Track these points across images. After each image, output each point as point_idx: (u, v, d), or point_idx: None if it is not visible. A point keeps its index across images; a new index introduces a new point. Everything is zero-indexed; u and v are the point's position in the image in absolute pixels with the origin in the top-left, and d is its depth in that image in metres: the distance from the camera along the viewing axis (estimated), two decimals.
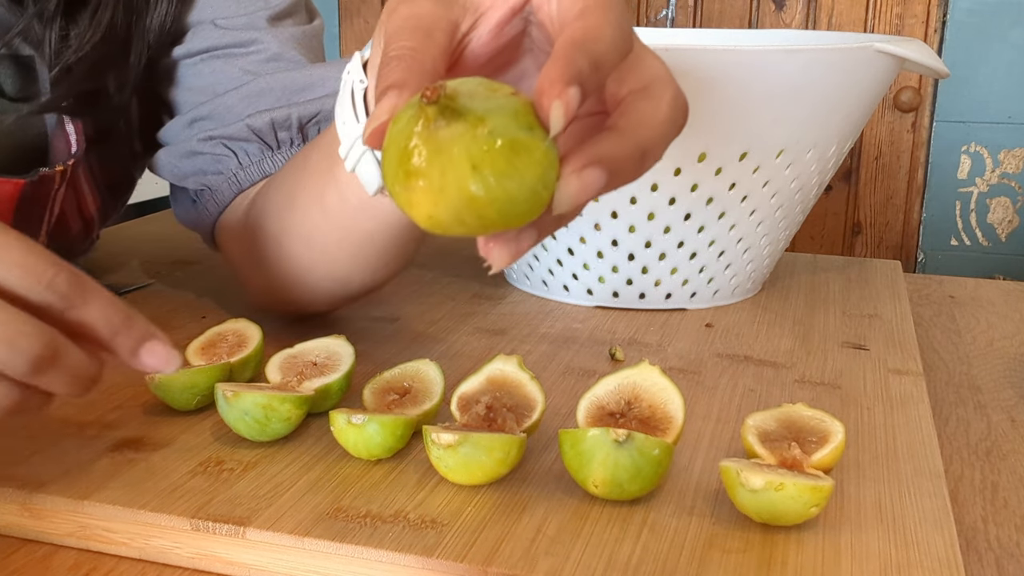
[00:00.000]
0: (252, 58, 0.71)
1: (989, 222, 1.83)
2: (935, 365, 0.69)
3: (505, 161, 0.33)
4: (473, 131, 0.33)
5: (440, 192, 0.33)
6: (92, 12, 0.66)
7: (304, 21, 0.76)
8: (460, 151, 0.33)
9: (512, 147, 0.33)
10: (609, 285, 0.74)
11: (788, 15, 1.82)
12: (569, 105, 0.34)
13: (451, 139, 0.33)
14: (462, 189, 0.33)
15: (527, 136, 0.34)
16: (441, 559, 0.40)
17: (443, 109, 0.33)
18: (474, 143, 0.33)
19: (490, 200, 0.33)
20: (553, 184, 0.35)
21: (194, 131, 0.71)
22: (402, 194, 0.34)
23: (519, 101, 0.35)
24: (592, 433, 0.43)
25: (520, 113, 0.34)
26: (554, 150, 0.35)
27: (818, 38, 0.91)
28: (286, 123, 0.69)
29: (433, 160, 0.33)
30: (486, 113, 0.33)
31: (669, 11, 1.88)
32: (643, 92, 0.39)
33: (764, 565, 0.40)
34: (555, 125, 0.34)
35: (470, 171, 0.33)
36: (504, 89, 0.35)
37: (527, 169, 0.34)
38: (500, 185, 0.33)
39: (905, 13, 1.77)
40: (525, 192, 0.34)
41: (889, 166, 1.86)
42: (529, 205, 0.34)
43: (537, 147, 0.34)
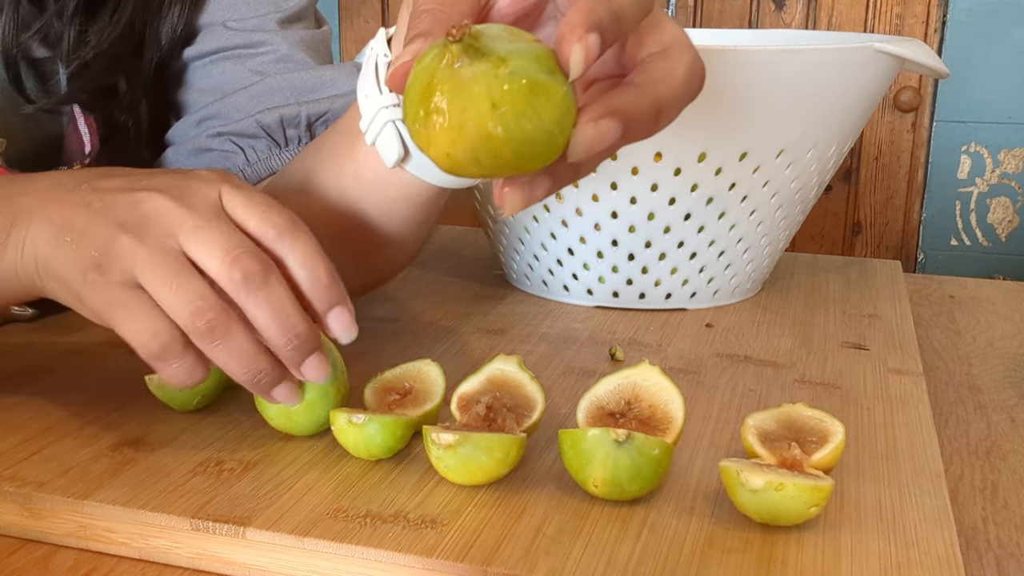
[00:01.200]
0: (261, 59, 0.72)
1: (989, 222, 1.83)
2: (935, 365, 0.69)
3: (524, 101, 0.34)
4: (495, 70, 0.34)
5: (459, 130, 0.34)
6: (112, 11, 0.67)
7: (312, 26, 0.77)
8: (481, 89, 0.33)
9: (532, 88, 0.34)
10: (609, 285, 0.74)
11: (788, 15, 1.82)
12: (589, 50, 0.35)
13: (473, 77, 0.34)
14: (481, 127, 0.34)
15: (547, 79, 0.34)
16: (441, 559, 0.40)
17: (467, 48, 0.34)
18: (495, 82, 0.33)
19: (507, 139, 0.34)
20: (569, 129, 0.35)
21: (202, 129, 0.71)
22: (421, 132, 0.35)
23: (541, 47, 0.35)
24: (592, 433, 0.43)
25: (542, 57, 0.35)
26: (572, 95, 0.35)
27: (818, 38, 0.91)
28: (295, 120, 0.69)
29: (454, 98, 0.34)
30: (508, 54, 0.34)
31: (669, 11, 1.88)
32: (662, 54, 0.40)
33: (764, 565, 0.40)
34: (575, 68, 0.34)
35: (489, 109, 0.33)
36: (527, 36, 0.36)
37: (545, 111, 0.34)
38: (518, 125, 0.34)
39: (905, 13, 1.77)
40: (542, 134, 0.34)
41: (889, 166, 1.86)
42: (545, 147, 0.35)
43: (556, 90, 0.34)
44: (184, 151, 0.72)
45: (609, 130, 0.36)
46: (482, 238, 0.95)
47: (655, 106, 0.38)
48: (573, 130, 0.36)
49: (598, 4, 0.36)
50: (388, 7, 1.97)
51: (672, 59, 0.40)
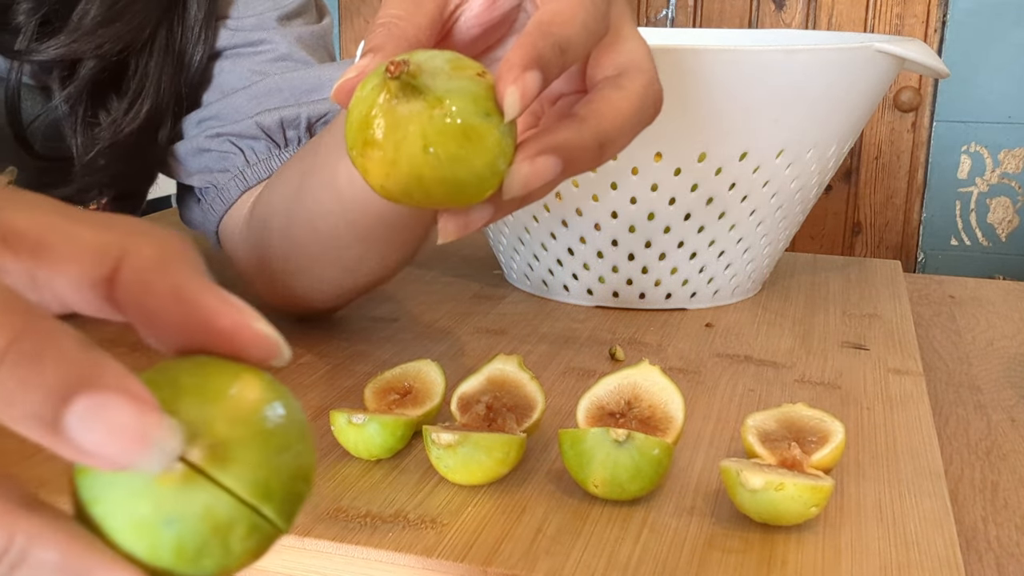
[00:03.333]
0: (260, 58, 0.71)
1: (989, 222, 1.83)
2: (935, 365, 0.69)
3: (456, 145, 0.34)
4: (430, 111, 0.34)
5: (392, 165, 0.35)
6: (130, 102, 0.67)
7: (313, 20, 0.76)
8: (415, 129, 0.34)
9: (464, 132, 0.34)
10: (609, 285, 0.74)
11: (788, 15, 1.82)
12: (526, 91, 0.35)
13: (408, 116, 0.34)
14: (412, 166, 0.34)
15: (481, 122, 0.35)
16: (441, 559, 0.40)
17: (404, 85, 0.34)
18: (429, 123, 0.34)
19: (438, 180, 0.35)
20: (504, 169, 0.36)
21: (201, 129, 0.71)
22: (358, 159, 0.36)
23: (483, 84, 0.35)
24: (592, 433, 0.43)
25: (480, 98, 0.35)
26: (509, 136, 0.36)
27: (818, 38, 0.91)
28: (295, 122, 0.69)
29: (389, 134, 0.34)
30: (446, 94, 0.34)
31: (669, 11, 1.88)
32: (615, 80, 0.39)
33: (764, 565, 0.40)
34: (509, 111, 0.35)
35: (421, 150, 0.34)
36: (471, 69, 0.36)
37: (476, 155, 0.35)
38: (449, 168, 0.34)
39: (905, 13, 1.77)
40: (472, 177, 0.35)
41: (889, 166, 1.86)
42: (476, 189, 0.36)
43: (490, 133, 0.35)
44: (183, 150, 0.72)
45: (546, 167, 0.36)
46: (482, 238, 0.95)
47: (597, 140, 0.38)
48: (509, 168, 0.36)
49: (540, 38, 0.36)
50: None
51: (623, 87, 0.39)
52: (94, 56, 0.64)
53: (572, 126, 0.37)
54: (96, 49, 0.64)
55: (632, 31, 0.41)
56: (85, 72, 0.65)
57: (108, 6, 0.64)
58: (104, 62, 0.65)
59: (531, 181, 0.36)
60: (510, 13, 0.43)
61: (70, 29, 0.63)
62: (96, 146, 0.66)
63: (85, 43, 0.64)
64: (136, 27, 0.66)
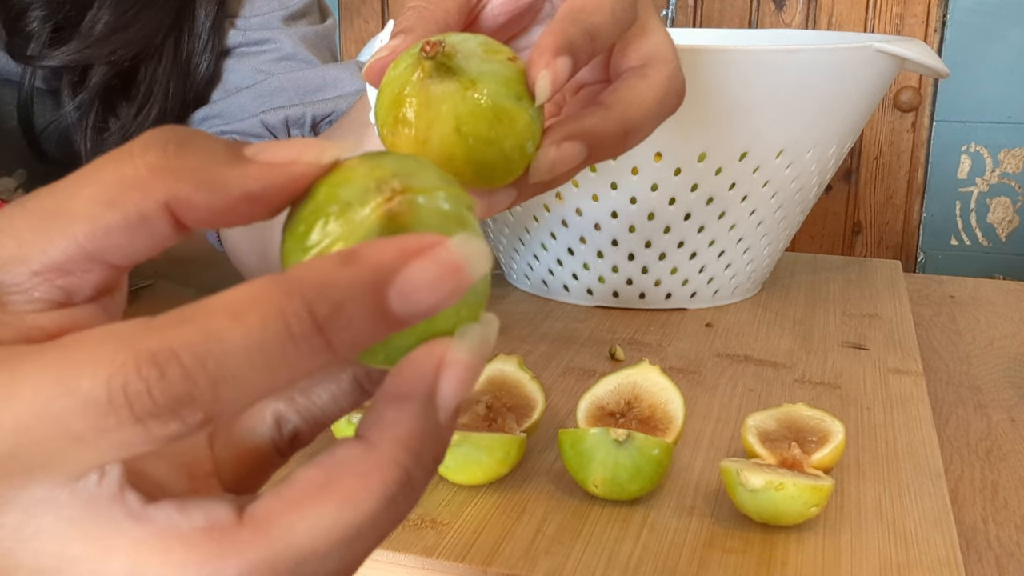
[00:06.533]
0: (265, 57, 0.72)
1: (989, 222, 1.83)
2: (935, 365, 0.69)
3: (487, 126, 0.34)
4: (463, 92, 0.34)
5: (423, 144, 0.35)
6: (138, 107, 0.67)
7: (317, 20, 0.76)
8: (447, 109, 0.34)
9: (496, 114, 0.35)
10: (609, 285, 0.74)
11: (788, 15, 1.82)
12: (557, 76, 0.35)
13: (441, 96, 0.34)
14: (443, 146, 0.35)
15: (513, 105, 0.35)
16: (441, 559, 0.40)
17: (439, 66, 0.34)
18: (461, 104, 0.34)
19: (467, 161, 0.35)
20: (532, 152, 0.36)
21: (206, 127, 0.71)
22: (388, 137, 0.36)
23: (514, 68, 0.36)
24: (592, 433, 0.43)
25: (511, 81, 0.35)
26: (538, 120, 0.36)
27: (818, 38, 0.91)
28: (300, 121, 0.69)
29: (421, 112, 0.34)
30: (479, 76, 0.35)
31: (669, 11, 1.88)
32: (639, 70, 0.40)
33: (764, 565, 0.40)
34: (540, 95, 0.35)
35: (452, 130, 0.34)
36: (503, 53, 0.36)
37: (506, 137, 0.35)
38: (478, 148, 0.35)
39: (905, 13, 1.77)
40: (501, 159, 0.35)
41: (889, 166, 1.86)
42: (504, 171, 0.36)
43: (521, 116, 0.35)
44: None
45: (572, 152, 0.36)
46: None
47: (622, 128, 0.38)
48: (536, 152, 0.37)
49: (571, 24, 0.36)
50: (388, 7, 1.97)
51: (648, 76, 0.39)
52: (106, 62, 0.65)
53: (598, 113, 0.38)
54: (108, 55, 0.64)
55: (657, 24, 0.42)
56: (96, 78, 0.65)
57: (120, 13, 0.64)
58: (115, 68, 0.65)
59: (557, 165, 0.36)
60: (534, 4, 0.44)
61: (82, 35, 0.63)
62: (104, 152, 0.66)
63: (97, 49, 0.64)
64: (148, 34, 0.66)
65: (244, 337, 0.21)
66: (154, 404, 0.21)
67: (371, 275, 0.21)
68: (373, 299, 0.21)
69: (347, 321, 0.21)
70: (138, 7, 0.65)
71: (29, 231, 0.24)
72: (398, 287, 0.21)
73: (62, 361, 0.21)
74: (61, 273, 0.24)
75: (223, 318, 0.21)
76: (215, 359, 0.21)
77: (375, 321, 0.21)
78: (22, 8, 0.63)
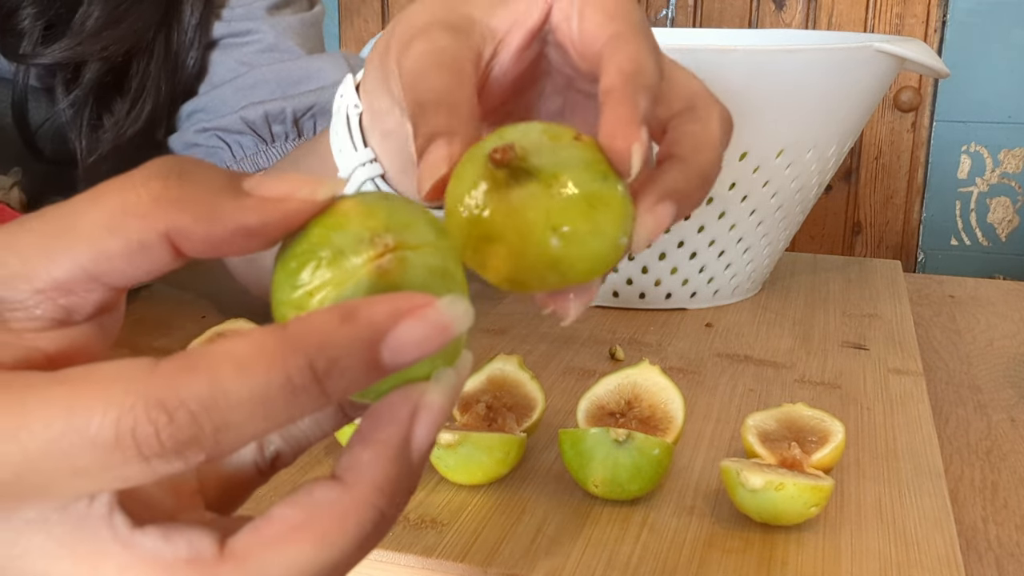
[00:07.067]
0: (248, 49, 0.71)
1: (989, 222, 1.83)
2: (935, 365, 0.69)
3: (585, 219, 0.32)
4: (548, 191, 0.31)
5: (520, 257, 0.32)
6: (131, 103, 0.66)
7: (304, 8, 0.75)
8: (538, 214, 0.31)
9: (590, 202, 0.32)
10: (609, 285, 0.74)
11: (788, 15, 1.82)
12: (645, 147, 0.33)
13: (526, 201, 0.31)
14: (544, 252, 0.32)
15: (603, 187, 0.32)
16: (441, 559, 0.40)
17: (515, 171, 0.31)
18: (552, 203, 0.31)
19: (576, 259, 0.32)
20: (631, 228, 0.34)
21: (192, 123, 0.71)
22: (475, 258, 0.33)
23: (587, 149, 0.33)
24: (592, 433, 0.43)
25: (592, 163, 0.33)
26: (628, 194, 0.34)
27: (818, 38, 0.91)
28: (280, 116, 0.68)
29: (509, 224, 0.31)
30: (558, 168, 0.32)
31: (669, 11, 1.88)
32: (691, 115, 0.38)
33: (764, 565, 0.40)
34: (635, 168, 0.33)
35: (551, 233, 0.31)
36: (566, 135, 0.34)
37: (608, 223, 0.32)
38: (583, 244, 0.32)
39: (905, 13, 1.77)
40: (608, 245, 0.33)
41: (889, 166, 1.86)
42: (614, 256, 0.33)
43: (614, 197, 0.32)
44: (175, 145, 0.71)
45: (666, 214, 0.35)
46: None
47: (702, 176, 0.37)
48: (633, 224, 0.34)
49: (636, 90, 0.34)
50: (388, 7, 1.97)
51: (703, 119, 0.38)
52: (98, 59, 0.64)
53: (675, 167, 0.36)
54: (100, 52, 0.64)
55: (676, 64, 0.41)
56: (89, 75, 0.65)
57: (110, 9, 0.64)
58: (107, 65, 0.65)
59: (657, 231, 0.34)
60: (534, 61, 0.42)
61: (73, 32, 0.63)
62: (99, 149, 0.66)
63: (89, 46, 0.64)
64: (138, 29, 0.66)
65: (249, 389, 0.22)
66: (161, 447, 0.22)
67: (367, 333, 0.23)
68: (368, 354, 0.23)
69: (342, 373, 0.23)
70: (128, 2, 0.65)
71: (33, 249, 0.25)
72: (390, 343, 0.23)
73: (72, 398, 0.22)
74: (63, 292, 0.25)
75: (229, 369, 0.22)
76: (220, 410, 0.22)
77: (367, 372, 0.23)
78: (13, 6, 0.63)
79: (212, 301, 0.75)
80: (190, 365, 0.22)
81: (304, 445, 0.31)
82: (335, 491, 0.25)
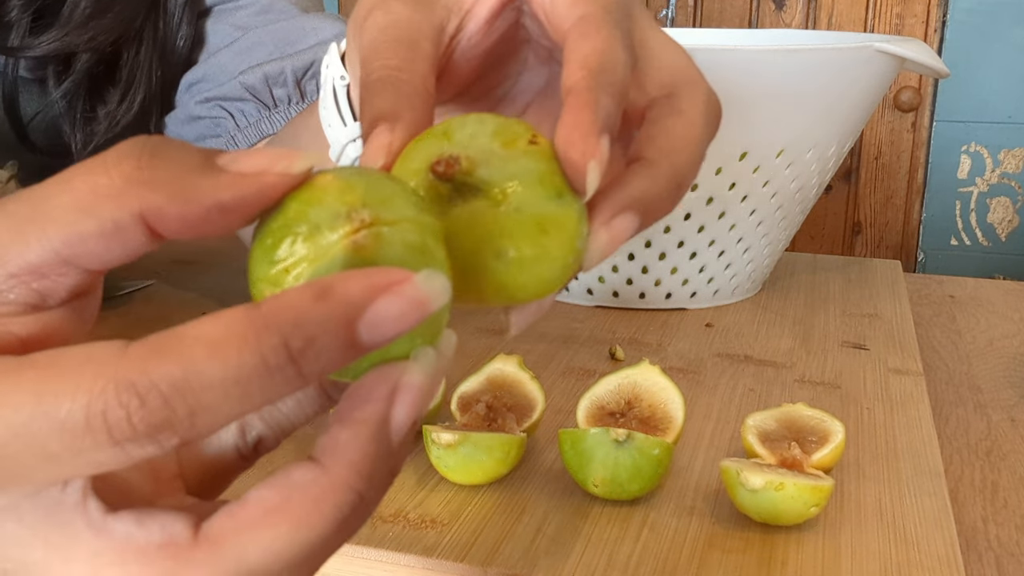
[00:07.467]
0: (242, 13, 0.70)
1: (989, 222, 1.83)
2: (935, 365, 0.69)
3: (534, 244, 0.29)
4: (495, 210, 0.29)
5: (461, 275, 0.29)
6: (123, 93, 0.66)
7: None
8: (483, 235, 0.29)
9: (541, 226, 0.29)
10: (609, 285, 0.74)
11: (788, 15, 1.82)
12: (603, 161, 0.30)
13: (471, 220, 0.29)
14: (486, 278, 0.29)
15: (556, 208, 0.29)
16: (441, 559, 0.40)
17: (459, 186, 0.29)
18: (498, 225, 0.29)
19: (519, 285, 0.30)
20: (584, 246, 0.31)
21: (192, 95, 0.70)
22: None
23: (542, 158, 0.30)
24: (592, 433, 0.43)
25: (545, 176, 0.29)
26: (583, 210, 0.30)
27: (818, 38, 0.91)
28: (280, 77, 0.67)
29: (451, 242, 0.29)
30: (507, 183, 0.29)
31: (669, 11, 1.88)
32: (668, 103, 0.34)
33: (764, 565, 0.40)
34: (591, 188, 0.30)
35: (494, 259, 0.29)
36: (521, 138, 0.30)
37: (559, 248, 0.29)
38: (530, 269, 0.29)
39: (905, 13, 1.77)
40: (556, 271, 0.30)
41: (889, 166, 1.86)
42: (561, 279, 0.31)
43: (568, 218, 0.29)
44: (177, 120, 0.70)
45: (624, 228, 0.31)
46: None
47: (674, 183, 0.32)
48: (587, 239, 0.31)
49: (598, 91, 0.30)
50: None
51: (683, 111, 0.34)
52: (88, 48, 0.64)
53: (642, 173, 0.32)
54: (89, 42, 0.64)
55: (662, 39, 0.36)
56: (80, 66, 0.65)
57: None
58: (98, 55, 0.65)
59: (611, 248, 0.31)
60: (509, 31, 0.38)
61: (62, 23, 0.63)
62: (94, 140, 0.65)
63: (77, 36, 0.63)
64: (127, 18, 0.65)
65: (222, 370, 0.21)
66: (133, 430, 0.21)
67: (343, 310, 0.22)
68: (345, 332, 0.22)
69: (318, 351, 0.22)
70: None
71: (6, 233, 0.24)
72: (367, 320, 0.22)
73: (40, 383, 0.22)
74: (37, 276, 0.24)
75: (201, 350, 0.21)
76: (194, 392, 0.21)
77: (344, 350, 0.22)
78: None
79: (213, 300, 0.75)
80: (161, 347, 0.22)
81: (288, 429, 0.30)
82: (312, 473, 0.24)
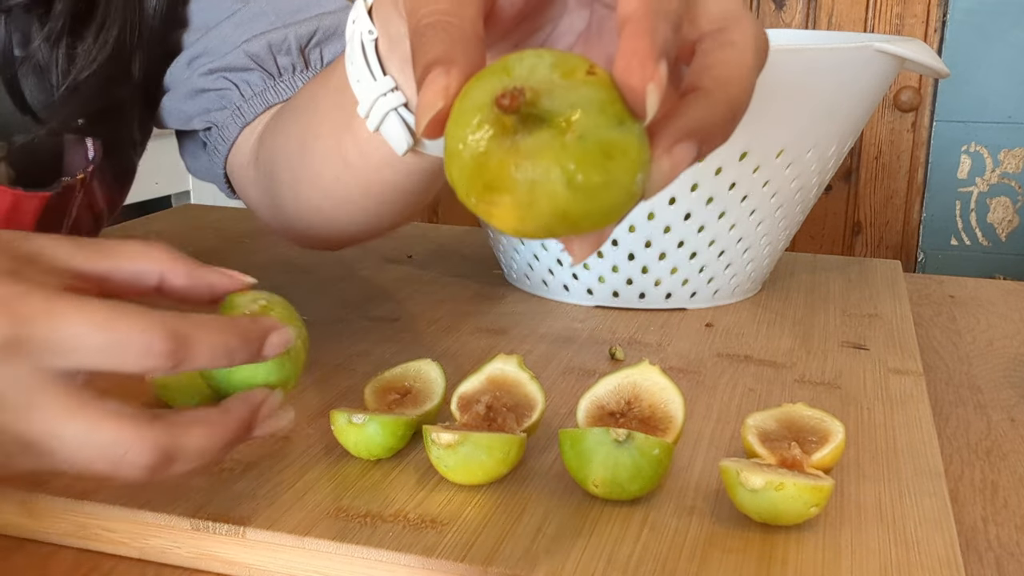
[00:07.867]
0: None
1: (989, 222, 1.83)
2: (935, 365, 0.69)
3: (600, 170, 0.30)
4: (561, 138, 0.29)
5: (528, 207, 0.30)
6: (98, 29, 0.65)
7: None
8: (549, 163, 0.29)
9: (606, 152, 0.30)
10: (609, 285, 0.74)
11: (788, 15, 1.82)
12: (662, 86, 0.30)
13: (537, 150, 0.29)
14: (554, 204, 0.30)
15: (619, 134, 0.30)
16: (441, 559, 0.40)
17: (524, 117, 0.29)
18: (564, 152, 0.29)
19: (586, 212, 0.30)
20: (646, 176, 0.32)
21: (193, 69, 0.69)
22: (480, 205, 0.31)
23: (602, 86, 0.30)
24: (592, 433, 0.43)
25: (607, 104, 0.30)
26: (645, 136, 0.31)
27: (818, 38, 0.91)
28: (284, 45, 0.67)
29: (518, 174, 0.29)
30: (570, 111, 0.30)
31: None
32: (720, 36, 0.35)
33: (764, 565, 0.40)
34: (651, 111, 0.30)
35: (563, 185, 0.29)
36: (579, 69, 0.31)
37: (623, 172, 0.30)
38: (597, 196, 0.30)
39: (905, 13, 1.77)
40: (623, 196, 0.31)
41: (889, 166, 1.86)
42: (628, 205, 0.31)
43: (631, 144, 0.30)
44: (179, 95, 0.70)
45: (685, 155, 0.32)
46: (482, 238, 0.95)
47: (731, 110, 0.33)
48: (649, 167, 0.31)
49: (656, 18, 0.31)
50: None
51: (735, 43, 0.34)
52: None
53: (699, 102, 0.33)
54: None
55: None
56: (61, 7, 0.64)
57: None
58: None
59: (673, 175, 0.32)
60: None
61: None
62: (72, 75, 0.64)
63: None
64: None
65: None
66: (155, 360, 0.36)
67: None
68: None
69: None
70: None
71: None
72: None
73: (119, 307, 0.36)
74: None
75: None
76: None
77: None
78: None
79: None
80: None
81: None
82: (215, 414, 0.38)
